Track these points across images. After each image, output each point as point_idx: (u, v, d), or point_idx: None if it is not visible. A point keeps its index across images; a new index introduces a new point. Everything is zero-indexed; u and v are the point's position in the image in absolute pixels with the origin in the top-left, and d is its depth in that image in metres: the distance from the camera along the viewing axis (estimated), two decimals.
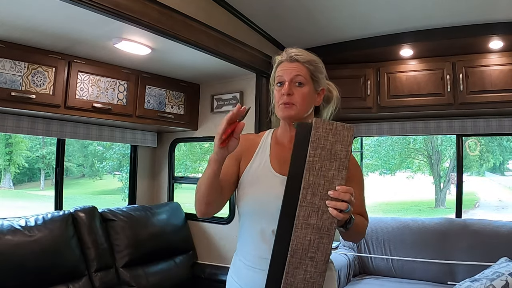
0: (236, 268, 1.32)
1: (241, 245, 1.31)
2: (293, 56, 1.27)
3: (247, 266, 1.26)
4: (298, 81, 1.26)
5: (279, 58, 1.32)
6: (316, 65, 1.30)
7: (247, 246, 1.27)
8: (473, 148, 8.91)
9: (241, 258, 1.29)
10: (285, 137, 1.34)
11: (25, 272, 2.03)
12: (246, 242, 1.28)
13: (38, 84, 2.20)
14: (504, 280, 2.18)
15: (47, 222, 2.25)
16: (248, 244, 1.27)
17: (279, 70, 1.29)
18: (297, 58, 1.27)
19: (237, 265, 1.31)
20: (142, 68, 2.72)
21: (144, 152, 3.41)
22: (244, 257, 1.28)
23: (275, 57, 1.34)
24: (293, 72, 1.26)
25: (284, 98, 1.25)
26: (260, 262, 1.20)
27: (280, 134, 1.35)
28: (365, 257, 3.23)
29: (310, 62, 1.29)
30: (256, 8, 2.63)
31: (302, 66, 1.27)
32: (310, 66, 1.28)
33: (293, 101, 1.25)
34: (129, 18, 1.85)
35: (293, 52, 1.29)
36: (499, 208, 9.88)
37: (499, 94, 2.72)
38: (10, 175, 7.38)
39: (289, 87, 1.25)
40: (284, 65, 1.29)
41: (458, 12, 2.46)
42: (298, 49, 1.31)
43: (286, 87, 1.25)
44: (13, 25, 1.92)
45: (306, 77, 1.27)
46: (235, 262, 1.33)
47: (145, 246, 2.72)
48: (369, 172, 10.91)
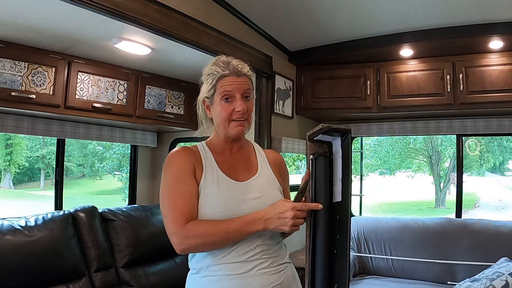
0: (205, 285, 1.20)
1: (213, 259, 1.20)
2: (240, 70, 1.24)
3: (227, 277, 1.17)
4: (246, 95, 1.25)
5: (219, 72, 1.24)
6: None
7: (224, 257, 1.19)
8: (473, 148, 8.91)
9: (214, 272, 1.19)
10: (225, 149, 1.32)
11: (25, 272, 2.02)
12: (222, 253, 1.19)
13: (38, 84, 2.20)
14: (504, 280, 2.18)
15: (47, 222, 2.25)
16: (225, 254, 1.19)
17: (226, 85, 1.23)
18: (243, 71, 1.25)
19: (206, 281, 1.20)
20: (142, 68, 2.72)
21: (144, 152, 3.41)
22: (219, 270, 1.19)
23: (211, 69, 1.27)
24: (243, 87, 1.24)
25: (238, 115, 1.23)
26: (242, 266, 1.18)
27: (217, 146, 1.32)
28: (365, 257, 3.23)
29: (251, 73, 1.29)
30: (256, 8, 2.63)
31: (248, 79, 1.27)
32: (251, 77, 1.28)
33: (245, 116, 1.24)
34: (129, 18, 1.85)
35: (239, 65, 1.25)
36: (499, 208, 9.89)
37: (499, 94, 2.72)
38: (10, 175, 7.38)
39: (243, 103, 1.23)
40: (231, 79, 1.23)
41: (458, 12, 2.46)
42: (239, 61, 1.27)
43: (242, 104, 1.22)
44: (13, 25, 1.92)
45: (251, 90, 1.27)
46: (200, 281, 1.22)
47: (145, 246, 2.72)
48: (369, 172, 10.92)
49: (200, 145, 1.34)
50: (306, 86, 3.36)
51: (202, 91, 1.30)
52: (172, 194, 1.20)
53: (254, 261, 1.19)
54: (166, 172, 1.24)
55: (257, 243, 1.20)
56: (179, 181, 1.21)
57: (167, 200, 1.21)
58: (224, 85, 1.23)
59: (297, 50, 3.27)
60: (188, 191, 1.20)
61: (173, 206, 1.18)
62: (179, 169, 1.23)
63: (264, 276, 1.19)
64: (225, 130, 1.26)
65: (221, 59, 1.28)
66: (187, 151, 1.27)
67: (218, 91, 1.24)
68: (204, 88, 1.29)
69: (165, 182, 1.23)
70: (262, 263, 1.20)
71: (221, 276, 1.18)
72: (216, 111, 1.26)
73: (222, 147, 1.32)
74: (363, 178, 4.02)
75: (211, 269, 1.20)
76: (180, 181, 1.21)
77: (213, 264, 1.19)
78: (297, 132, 3.43)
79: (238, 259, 1.18)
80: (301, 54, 3.27)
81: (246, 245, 1.19)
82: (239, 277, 1.17)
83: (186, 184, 1.21)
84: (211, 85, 1.25)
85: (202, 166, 1.25)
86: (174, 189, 1.20)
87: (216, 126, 1.31)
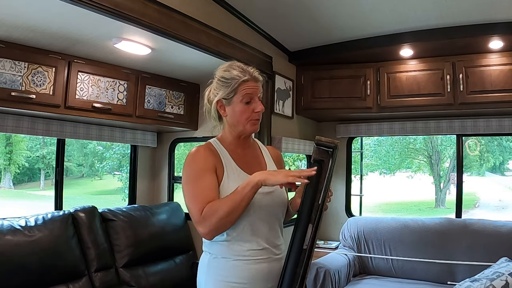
0: (228, 270, 1.34)
1: (234, 246, 1.34)
2: (257, 77, 1.42)
3: (249, 261, 1.32)
4: (259, 97, 1.43)
5: (241, 77, 1.38)
6: None
7: (245, 243, 1.33)
8: (473, 148, 8.91)
9: (237, 257, 1.33)
10: (237, 146, 1.46)
11: (25, 272, 2.03)
12: (243, 240, 1.34)
13: (38, 84, 2.20)
14: (504, 280, 2.18)
15: (47, 222, 2.25)
16: (245, 242, 1.34)
17: (247, 88, 1.38)
18: (259, 78, 1.43)
19: (229, 266, 1.34)
20: (142, 68, 2.72)
21: (144, 152, 3.41)
22: (241, 255, 1.33)
23: (233, 74, 1.40)
24: (259, 91, 1.42)
25: (257, 115, 1.41)
26: (265, 252, 1.35)
27: (230, 143, 1.45)
28: (365, 257, 3.23)
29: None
30: (256, 8, 2.64)
31: (261, 84, 1.45)
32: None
33: (260, 116, 1.43)
34: (129, 18, 1.85)
35: (256, 72, 1.43)
36: (499, 208, 9.88)
37: (499, 94, 2.73)
38: (10, 175, 7.38)
39: (261, 104, 1.41)
40: (252, 84, 1.40)
41: (458, 12, 2.46)
42: (254, 68, 1.45)
43: (261, 105, 1.41)
44: (13, 25, 1.92)
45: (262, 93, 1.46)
46: (222, 264, 1.35)
47: (145, 246, 2.72)
48: (369, 172, 10.91)
49: (214, 142, 1.45)
50: (306, 86, 3.36)
51: (220, 93, 1.41)
52: (194, 189, 1.30)
53: (271, 248, 1.37)
54: (188, 170, 1.35)
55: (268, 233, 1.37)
56: (200, 177, 1.31)
57: (190, 194, 1.31)
58: (246, 88, 1.38)
59: (297, 50, 3.27)
60: (209, 185, 1.30)
61: (195, 199, 1.28)
62: (200, 165, 1.34)
63: (280, 261, 1.38)
64: (243, 127, 1.41)
65: (238, 65, 1.43)
66: (207, 150, 1.39)
67: (239, 94, 1.38)
68: (222, 90, 1.40)
69: (187, 179, 1.34)
70: (275, 250, 1.39)
71: (247, 261, 1.32)
72: (234, 111, 1.40)
73: (235, 144, 1.45)
74: (363, 178, 4.02)
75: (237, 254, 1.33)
76: (201, 177, 1.31)
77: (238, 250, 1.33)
78: (297, 132, 3.43)
79: (256, 247, 1.33)
80: (301, 54, 3.27)
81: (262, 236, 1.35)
82: (265, 260, 1.34)
83: (208, 179, 1.31)
84: (231, 88, 1.38)
85: (222, 164, 1.38)
86: (196, 184, 1.30)
87: (231, 125, 1.44)
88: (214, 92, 1.44)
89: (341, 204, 3.72)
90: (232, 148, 1.44)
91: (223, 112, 1.43)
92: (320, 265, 2.80)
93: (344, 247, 3.34)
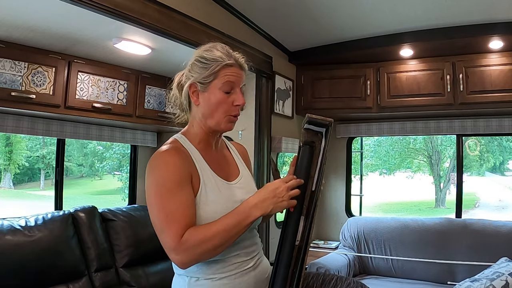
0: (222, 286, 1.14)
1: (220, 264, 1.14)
2: (242, 64, 1.19)
3: (237, 275, 1.15)
4: (242, 89, 1.20)
5: (224, 59, 1.15)
6: None
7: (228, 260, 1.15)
8: (473, 148, 8.91)
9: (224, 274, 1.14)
10: (207, 144, 1.22)
11: (25, 272, 2.02)
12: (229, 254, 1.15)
13: (38, 84, 2.19)
14: (504, 280, 2.18)
15: (47, 222, 2.25)
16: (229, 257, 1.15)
17: (229, 74, 1.15)
18: (245, 66, 1.20)
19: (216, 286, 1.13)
20: (142, 68, 2.72)
21: (144, 152, 3.41)
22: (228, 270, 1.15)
23: (215, 54, 1.16)
24: (242, 81, 1.18)
25: (237, 110, 1.17)
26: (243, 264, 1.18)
27: (200, 141, 1.21)
28: (365, 257, 3.23)
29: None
30: (256, 8, 2.64)
31: (244, 75, 1.21)
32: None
33: (239, 112, 1.20)
34: (129, 18, 1.85)
35: (242, 59, 1.19)
36: (499, 208, 9.88)
37: (499, 94, 2.73)
38: (10, 175, 7.38)
39: (243, 97, 1.17)
40: (235, 70, 1.16)
41: (458, 12, 2.46)
42: (240, 53, 1.21)
43: (242, 98, 1.16)
44: (13, 25, 1.92)
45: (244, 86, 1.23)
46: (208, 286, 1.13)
47: (145, 246, 2.71)
48: (369, 172, 10.91)
49: (182, 140, 1.20)
50: (306, 86, 3.36)
51: (196, 75, 1.17)
52: (169, 204, 1.05)
53: (254, 253, 1.23)
54: (158, 179, 1.08)
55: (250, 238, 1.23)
56: (176, 190, 1.06)
57: (163, 212, 1.06)
58: (228, 74, 1.15)
59: (297, 50, 3.27)
60: (186, 201, 1.07)
61: (170, 219, 1.04)
62: (175, 174, 1.08)
63: (264, 265, 1.26)
64: (216, 122, 1.17)
65: (223, 46, 1.19)
66: (180, 153, 1.13)
67: (219, 79, 1.15)
68: (199, 72, 1.16)
69: (157, 191, 1.07)
70: (258, 254, 1.25)
71: (234, 275, 1.15)
72: (210, 99, 1.16)
73: (206, 142, 1.22)
74: (363, 178, 4.02)
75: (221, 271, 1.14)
76: (177, 190, 1.07)
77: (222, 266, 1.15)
78: (297, 132, 3.43)
79: (242, 258, 1.18)
80: (301, 54, 3.27)
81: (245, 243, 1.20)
82: (252, 268, 1.19)
83: (185, 193, 1.08)
84: (211, 71, 1.14)
85: (197, 170, 1.14)
86: (171, 199, 1.05)
87: (203, 116, 1.18)
88: (188, 74, 1.20)
89: (341, 204, 3.72)
90: (202, 147, 1.20)
91: (195, 99, 1.18)
92: (320, 265, 2.80)
93: (344, 247, 3.34)
